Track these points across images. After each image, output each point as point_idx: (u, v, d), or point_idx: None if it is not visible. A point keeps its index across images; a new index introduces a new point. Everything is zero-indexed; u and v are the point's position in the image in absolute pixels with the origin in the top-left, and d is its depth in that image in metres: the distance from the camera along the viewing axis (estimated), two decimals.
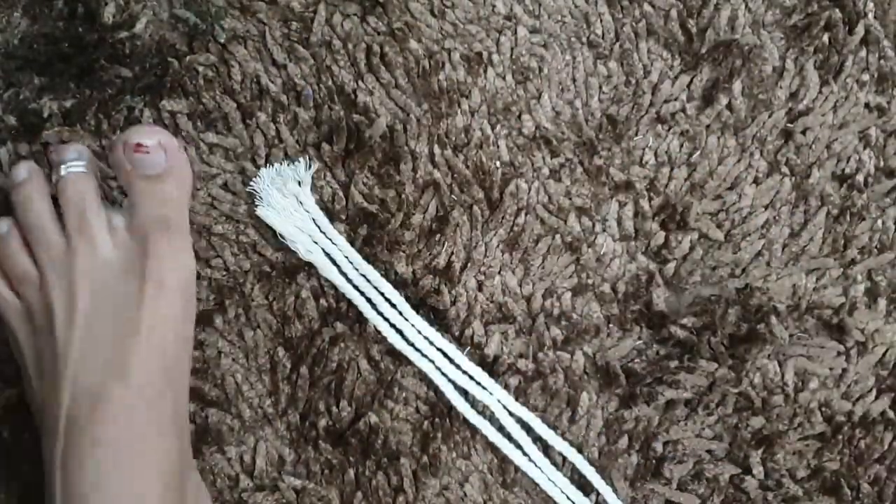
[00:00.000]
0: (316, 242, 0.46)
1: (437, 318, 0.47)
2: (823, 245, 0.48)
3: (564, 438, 0.46)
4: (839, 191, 0.49)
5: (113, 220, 0.41)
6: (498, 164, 0.48)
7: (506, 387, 0.46)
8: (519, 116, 0.49)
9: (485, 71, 0.49)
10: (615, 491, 0.45)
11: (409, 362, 0.46)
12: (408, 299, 0.47)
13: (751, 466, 0.46)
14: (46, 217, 0.41)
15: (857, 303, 0.48)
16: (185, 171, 0.43)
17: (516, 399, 0.46)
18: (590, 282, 0.48)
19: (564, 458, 0.46)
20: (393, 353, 0.47)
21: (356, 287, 0.46)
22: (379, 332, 0.46)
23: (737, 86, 0.49)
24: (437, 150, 0.48)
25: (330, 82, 0.48)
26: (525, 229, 0.48)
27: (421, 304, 0.47)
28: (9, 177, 0.43)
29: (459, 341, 0.47)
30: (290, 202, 0.46)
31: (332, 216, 0.47)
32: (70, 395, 0.38)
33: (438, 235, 0.47)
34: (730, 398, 0.46)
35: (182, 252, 0.41)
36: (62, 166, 0.42)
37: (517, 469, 0.46)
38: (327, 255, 0.46)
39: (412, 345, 0.46)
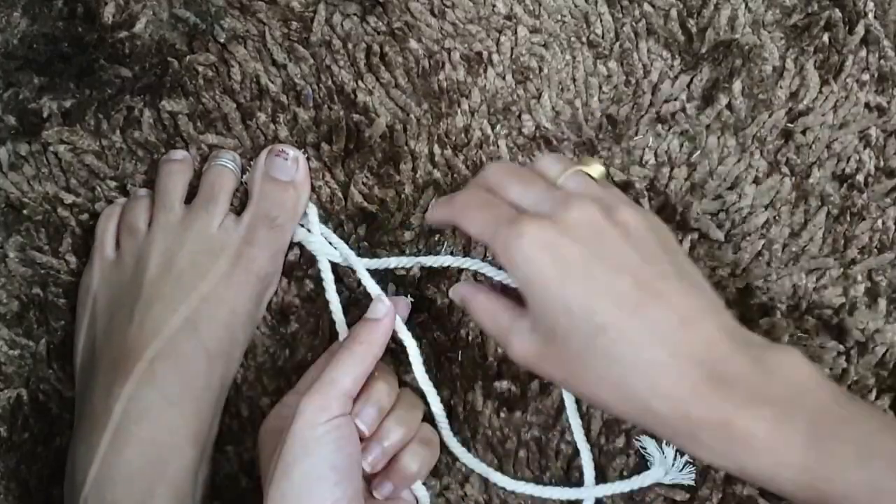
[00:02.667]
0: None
1: (437, 318, 0.47)
2: (823, 245, 0.48)
3: (564, 439, 0.46)
4: (839, 191, 0.49)
5: (230, 214, 0.46)
6: None
7: (506, 388, 0.46)
8: (519, 116, 0.49)
9: (485, 71, 0.49)
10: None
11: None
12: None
13: None
14: (178, 189, 0.46)
15: (857, 303, 0.47)
16: (305, 191, 0.47)
17: (516, 401, 0.46)
18: None
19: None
20: (393, 352, 0.46)
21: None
22: None
23: (737, 86, 0.49)
24: (437, 149, 0.48)
25: (330, 82, 0.48)
26: None
27: (421, 304, 0.47)
28: (165, 154, 0.48)
29: (456, 342, 0.47)
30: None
31: (331, 216, 0.47)
32: (147, 334, 0.42)
33: (438, 235, 0.48)
34: None
35: (277, 250, 0.46)
36: (215, 160, 0.47)
37: (517, 468, 0.46)
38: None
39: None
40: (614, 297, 0.33)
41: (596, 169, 0.38)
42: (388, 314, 0.42)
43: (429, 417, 0.44)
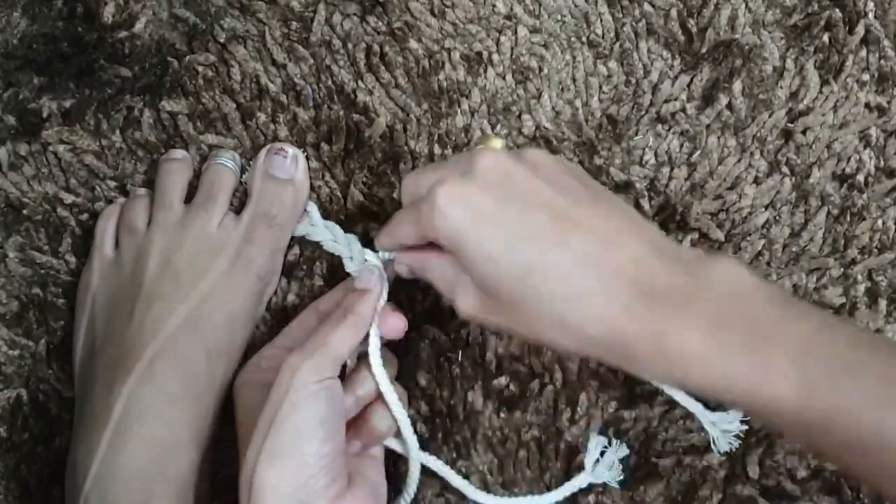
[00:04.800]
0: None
1: (437, 318, 0.47)
2: (824, 245, 0.48)
3: (563, 439, 0.46)
4: (839, 191, 0.49)
5: (230, 213, 0.46)
6: None
7: (505, 387, 0.46)
8: (519, 116, 0.49)
9: (485, 71, 0.49)
10: None
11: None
12: (409, 299, 0.47)
13: (749, 466, 0.46)
14: (178, 188, 0.46)
15: (857, 303, 0.47)
16: (305, 189, 0.47)
17: (516, 401, 0.46)
18: None
19: None
20: (394, 352, 0.46)
21: None
22: None
23: (737, 85, 0.49)
24: (437, 149, 0.48)
25: (330, 82, 0.48)
26: None
27: (420, 305, 0.47)
28: (165, 153, 0.48)
29: (457, 342, 0.47)
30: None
31: (330, 216, 0.47)
32: (147, 333, 0.42)
33: None
34: None
35: (276, 249, 0.46)
36: (215, 159, 0.47)
37: (517, 468, 0.46)
38: None
39: None
40: (533, 236, 0.34)
41: (497, 142, 0.41)
42: (378, 284, 0.42)
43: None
